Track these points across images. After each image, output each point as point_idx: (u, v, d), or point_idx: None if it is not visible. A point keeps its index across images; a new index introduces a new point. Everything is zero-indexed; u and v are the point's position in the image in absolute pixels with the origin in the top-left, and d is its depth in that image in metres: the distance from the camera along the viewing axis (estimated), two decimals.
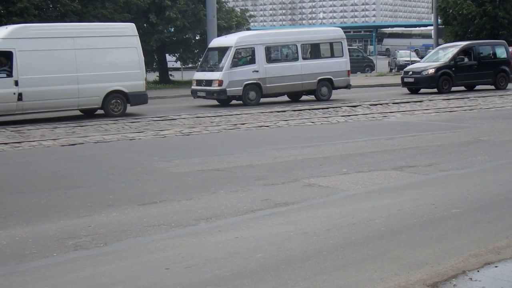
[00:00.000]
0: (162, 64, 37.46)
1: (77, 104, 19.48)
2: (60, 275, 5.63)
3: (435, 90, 26.25)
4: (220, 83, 22.32)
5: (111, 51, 20.16)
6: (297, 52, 24.03)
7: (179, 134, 15.27)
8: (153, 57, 36.67)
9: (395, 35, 77.93)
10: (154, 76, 38.39)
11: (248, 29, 37.80)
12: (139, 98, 20.51)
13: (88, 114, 20.34)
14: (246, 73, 22.73)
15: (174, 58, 39.46)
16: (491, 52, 28.30)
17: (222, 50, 23.29)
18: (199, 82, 23.35)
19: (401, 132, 14.48)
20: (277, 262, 5.75)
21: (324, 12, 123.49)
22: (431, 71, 26.36)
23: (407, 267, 5.53)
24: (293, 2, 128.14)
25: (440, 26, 43.60)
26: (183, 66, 40.55)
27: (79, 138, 14.82)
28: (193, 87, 23.79)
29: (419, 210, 7.42)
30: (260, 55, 22.96)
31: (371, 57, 54.67)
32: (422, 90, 26.82)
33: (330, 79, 24.29)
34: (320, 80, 24.07)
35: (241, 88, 22.55)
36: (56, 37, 19.14)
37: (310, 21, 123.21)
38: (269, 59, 23.50)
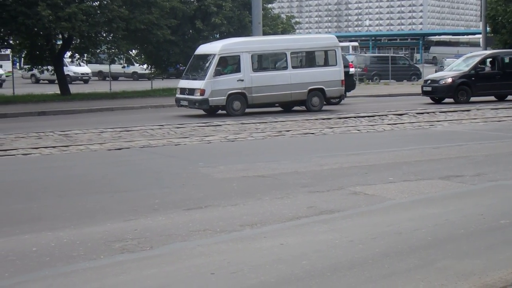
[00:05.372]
0: None
1: None
2: (107, 277, 5.70)
3: (470, 99, 25.12)
4: (202, 92, 21.34)
5: None
6: (286, 61, 22.76)
7: (224, 140, 15.33)
8: None
9: (442, 43, 76.95)
10: None
11: None
12: None
13: None
14: (230, 82, 21.61)
15: None
16: None
17: (206, 58, 22.21)
18: (183, 91, 22.37)
19: (448, 141, 14.29)
20: (322, 269, 5.72)
21: (370, 20, 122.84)
22: (449, 80, 25.48)
23: (455, 277, 5.44)
24: (339, 9, 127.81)
25: (489, 35, 42.91)
26: None
27: (125, 142, 14.98)
28: (177, 95, 22.78)
29: (467, 220, 7.31)
30: (246, 63, 21.83)
31: (417, 65, 54.15)
32: (447, 100, 25.62)
33: (322, 89, 22.98)
34: (310, 90, 22.83)
35: (225, 97, 21.47)
36: None
37: (356, 28, 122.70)
38: (256, 68, 22.39)
